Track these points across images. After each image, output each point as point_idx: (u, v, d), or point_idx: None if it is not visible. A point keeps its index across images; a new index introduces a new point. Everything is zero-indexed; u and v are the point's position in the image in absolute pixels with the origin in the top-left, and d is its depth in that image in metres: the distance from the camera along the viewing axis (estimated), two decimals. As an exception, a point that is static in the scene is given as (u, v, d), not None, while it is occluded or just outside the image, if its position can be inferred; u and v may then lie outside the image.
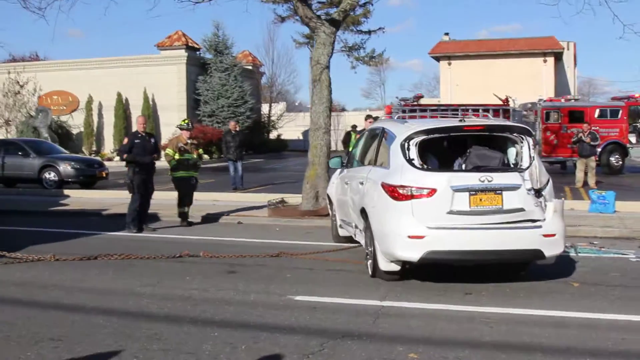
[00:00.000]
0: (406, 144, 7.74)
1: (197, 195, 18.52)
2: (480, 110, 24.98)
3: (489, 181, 7.35)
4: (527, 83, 40.64)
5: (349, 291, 7.58)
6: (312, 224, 13.36)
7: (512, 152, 8.06)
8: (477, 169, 7.70)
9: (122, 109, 37.98)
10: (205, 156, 28.34)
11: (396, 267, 7.73)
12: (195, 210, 15.59)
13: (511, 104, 25.62)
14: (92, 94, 38.22)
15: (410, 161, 7.61)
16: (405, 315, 6.57)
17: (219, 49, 39.46)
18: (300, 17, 15.76)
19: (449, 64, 47.26)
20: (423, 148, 8.09)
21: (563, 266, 8.76)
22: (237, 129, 21.00)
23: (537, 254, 7.43)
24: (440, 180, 7.38)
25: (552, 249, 7.47)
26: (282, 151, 46.15)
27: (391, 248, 7.52)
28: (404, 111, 25.44)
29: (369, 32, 55.07)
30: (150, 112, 37.79)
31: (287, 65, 57.89)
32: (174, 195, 13.98)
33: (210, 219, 14.44)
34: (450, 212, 7.33)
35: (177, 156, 13.15)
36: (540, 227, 7.43)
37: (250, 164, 32.11)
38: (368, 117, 19.85)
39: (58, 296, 7.40)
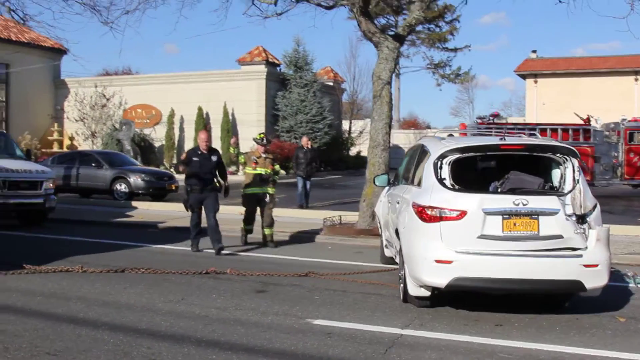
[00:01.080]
0: (439, 163, 7.30)
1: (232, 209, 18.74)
2: (559, 130, 23.93)
3: (524, 205, 6.81)
4: (617, 102, 38.71)
5: (374, 316, 7.19)
6: (366, 243, 13.01)
7: (556, 174, 7.47)
8: (512, 191, 7.16)
9: (203, 123, 38.64)
10: (282, 172, 28.42)
11: (426, 293, 7.27)
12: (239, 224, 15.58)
13: (593, 123, 24.37)
14: (174, 107, 39.12)
15: (441, 181, 7.17)
16: (422, 346, 6.12)
17: (299, 64, 39.59)
18: (364, 32, 15.46)
19: (535, 82, 45.71)
20: (460, 168, 7.63)
21: (615, 298, 8.06)
22: (310, 145, 20.23)
23: (577, 285, 6.81)
24: (472, 202, 6.89)
25: (593, 281, 6.83)
26: (361, 168, 45.74)
27: (418, 272, 7.09)
28: (478, 129, 24.67)
29: (455, 50, 54.44)
30: (230, 127, 38.30)
31: (368, 82, 57.51)
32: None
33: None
34: (482, 237, 6.84)
35: (248, 170, 12.60)
36: (580, 256, 6.82)
37: (325, 181, 32.01)
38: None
39: (77, 309, 7.33)
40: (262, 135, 13.05)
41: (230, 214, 15.20)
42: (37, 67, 38.42)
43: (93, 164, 21.97)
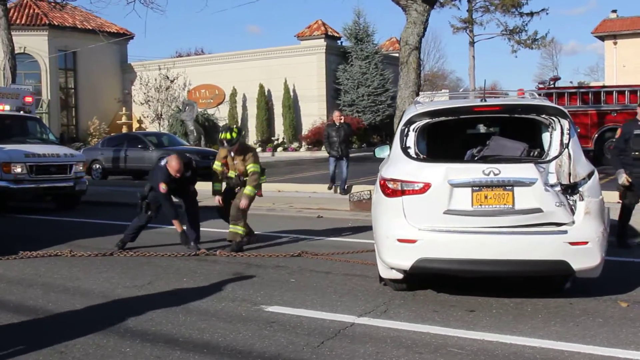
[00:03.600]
0: (405, 129, 6.48)
1: (296, 187, 18.26)
2: (627, 93, 22.16)
3: (495, 174, 5.90)
4: None
5: (339, 302, 6.51)
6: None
7: (545, 138, 6.50)
8: (483, 159, 6.27)
9: (264, 100, 38.46)
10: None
11: (398, 275, 6.48)
12: (283, 202, 15.14)
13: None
14: (236, 86, 39.06)
15: (405, 150, 6.35)
16: (366, 337, 5.39)
17: (360, 36, 38.60)
18: (391, -5, 14.57)
19: (615, 43, 42.85)
20: (442, 136, 6.79)
21: (622, 279, 7.07)
22: (342, 120, 16.78)
23: (562, 266, 5.86)
24: (436, 173, 6.04)
25: (582, 261, 5.86)
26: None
27: (382, 252, 6.33)
28: (539, 95, 23.18)
29: (531, 14, 51.87)
30: (291, 103, 37.94)
31: (434, 52, 55.81)
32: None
33: (291, 212, 13.90)
34: (448, 212, 6.00)
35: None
36: (565, 232, 5.86)
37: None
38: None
39: (33, 296, 7.00)
40: (226, 134, 9.20)
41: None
42: (104, 50, 39.07)
43: (140, 146, 22.03)
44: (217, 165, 9.59)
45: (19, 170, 14.22)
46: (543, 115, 6.34)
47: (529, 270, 5.99)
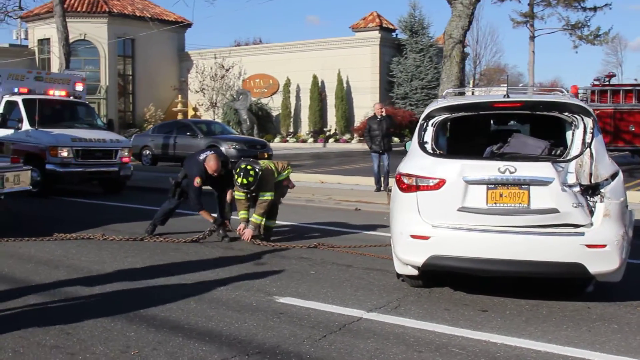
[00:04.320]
0: (424, 124, 6.39)
1: (340, 179, 18.22)
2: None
3: (510, 172, 5.76)
4: None
5: (353, 295, 6.49)
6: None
7: (569, 137, 6.31)
8: (500, 157, 6.11)
9: (317, 91, 38.51)
10: (395, 139, 27.32)
11: (413, 271, 6.39)
12: (323, 193, 15.15)
13: None
14: (290, 76, 39.22)
15: (422, 145, 6.26)
16: (370, 333, 5.35)
17: (415, 29, 38.24)
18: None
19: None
20: (467, 132, 6.67)
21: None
22: (384, 113, 15.87)
23: (578, 268, 5.68)
24: (452, 169, 5.93)
25: (599, 264, 5.68)
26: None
27: (396, 248, 6.27)
28: (592, 92, 22.54)
29: (594, 9, 50.45)
30: (344, 95, 37.89)
31: (491, 45, 54.80)
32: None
33: (330, 204, 13.90)
34: (462, 209, 5.89)
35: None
36: (582, 234, 5.68)
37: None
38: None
39: (54, 277, 7.21)
40: (242, 180, 8.91)
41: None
42: (161, 38, 39.78)
43: (188, 133, 22.34)
44: (239, 196, 9.40)
45: (65, 154, 14.61)
46: (566, 113, 6.14)
47: (544, 272, 5.83)
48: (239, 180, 8.95)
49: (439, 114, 6.36)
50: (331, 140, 37.93)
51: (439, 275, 6.66)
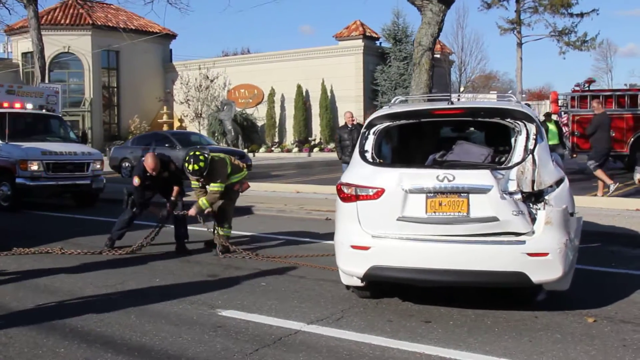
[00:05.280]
0: (366, 132, 6.31)
1: (315, 188, 18.11)
2: (664, 95, 21.31)
3: (449, 180, 5.66)
4: None
5: (297, 307, 6.38)
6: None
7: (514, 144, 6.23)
8: (439, 165, 6.03)
9: (302, 100, 38.49)
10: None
11: (359, 282, 6.29)
12: (295, 203, 15.04)
13: None
14: (274, 86, 39.20)
15: (363, 153, 6.18)
16: (303, 346, 5.24)
17: (398, 37, 38.29)
18: (406, -6, 14.34)
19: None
20: (415, 139, 6.58)
21: (603, 292, 6.75)
22: (355, 122, 15.46)
23: (520, 278, 5.58)
24: (390, 178, 5.84)
25: (542, 273, 5.58)
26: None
27: (337, 259, 6.18)
28: (572, 98, 22.49)
29: (581, 15, 50.68)
30: (328, 104, 37.88)
31: (476, 53, 54.93)
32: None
33: (301, 214, 13.89)
34: (402, 219, 5.79)
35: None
36: (523, 242, 5.59)
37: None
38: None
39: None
40: (193, 165, 8.80)
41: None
42: (146, 49, 39.73)
43: (167, 144, 22.21)
44: (194, 185, 9.38)
45: (35, 167, 14.49)
46: (508, 119, 6.07)
47: (486, 281, 5.73)
48: (190, 167, 8.76)
49: (380, 122, 6.28)
50: (316, 149, 37.87)
51: (390, 286, 6.56)
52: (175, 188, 9.68)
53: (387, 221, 5.82)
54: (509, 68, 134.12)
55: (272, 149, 38.85)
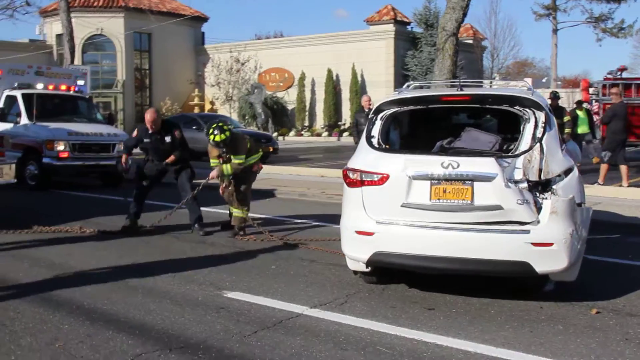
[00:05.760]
0: (373, 118, 6.29)
1: (340, 172, 18.07)
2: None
3: (453, 168, 5.61)
4: None
5: (303, 291, 6.41)
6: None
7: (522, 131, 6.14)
8: (444, 151, 5.98)
9: (332, 85, 38.40)
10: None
11: (364, 267, 6.30)
12: (318, 187, 15.07)
13: None
14: (305, 70, 39.16)
15: (369, 139, 6.16)
16: (301, 330, 5.26)
17: (430, 22, 37.85)
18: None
19: None
20: (425, 125, 6.54)
21: (614, 283, 6.65)
22: (371, 106, 14.09)
23: (524, 267, 5.52)
24: (394, 163, 5.81)
25: (546, 263, 5.52)
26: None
27: (343, 244, 6.19)
28: (604, 86, 22.04)
29: (619, 1, 49.61)
30: (358, 88, 37.72)
31: (509, 39, 54.07)
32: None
33: (322, 198, 13.94)
34: (406, 205, 5.76)
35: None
36: (527, 232, 5.52)
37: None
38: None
39: (15, 268, 7.26)
40: (220, 136, 8.89)
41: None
42: (178, 32, 39.93)
43: (194, 127, 22.35)
44: (214, 163, 9.34)
45: (61, 147, 14.73)
46: (517, 107, 5.98)
47: (489, 270, 5.69)
48: (216, 138, 8.81)
49: (388, 108, 6.25)
50: (345, 134, 37.75)
51: (398, 272, 6.55)
52: (172, 156, 9.69)
53: (391, 207, 5.81)
54: (544, 55, 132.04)
55: (302, 132, 38.87)
